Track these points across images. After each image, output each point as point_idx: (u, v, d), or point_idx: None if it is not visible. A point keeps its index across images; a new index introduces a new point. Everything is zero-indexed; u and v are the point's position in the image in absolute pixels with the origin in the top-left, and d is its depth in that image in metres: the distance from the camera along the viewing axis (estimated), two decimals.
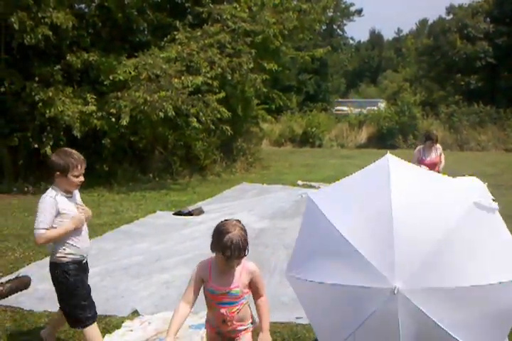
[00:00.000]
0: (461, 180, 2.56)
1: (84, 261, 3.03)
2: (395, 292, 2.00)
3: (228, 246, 2.22)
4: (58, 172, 2.84)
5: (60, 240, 2.87)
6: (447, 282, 2.06)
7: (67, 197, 2.91)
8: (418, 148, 7.02)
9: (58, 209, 2.82)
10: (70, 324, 3.06)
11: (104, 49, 10.12)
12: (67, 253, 2.90)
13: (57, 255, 2.90)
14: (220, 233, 2.27)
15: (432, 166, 6.41)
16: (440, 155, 6.89)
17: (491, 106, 21.29)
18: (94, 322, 3.00)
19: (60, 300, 3.01)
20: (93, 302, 3.03)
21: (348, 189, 2.51)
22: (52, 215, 2.80)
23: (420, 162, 6.62)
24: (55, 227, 2.82)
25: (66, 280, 2.91)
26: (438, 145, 6.91)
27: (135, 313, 3.89)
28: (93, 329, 3.01)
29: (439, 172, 6.04)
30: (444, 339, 2.01)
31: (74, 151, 2.92)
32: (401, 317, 2.01)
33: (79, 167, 2.86)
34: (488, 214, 2.28)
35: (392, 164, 2.38)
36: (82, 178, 2.91)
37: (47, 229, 2.79)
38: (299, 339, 3.47)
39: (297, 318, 3.65)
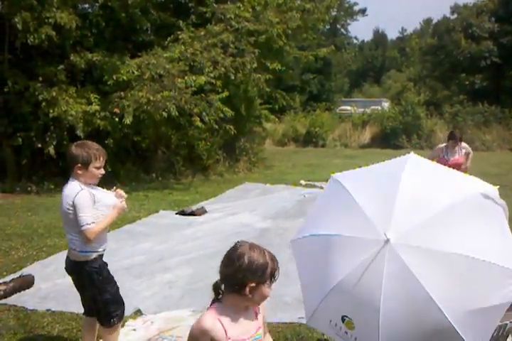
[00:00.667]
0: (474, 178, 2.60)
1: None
2: (386, 242, 2.06)
3: (277, 268, 1.86)
4: (79, 165, 2.76)
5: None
6: (441, 245, 2.09)
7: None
8: (440, 146, 6.63)
9: (94, 199, 2.75)
10: (101, 323, 2.94)
11: (107, 49, 10.13)
12: (93, 247, 2.82)
13: (85, 252, 2.81)
14: (258, 263, 1.81)
15: (456, 167, 5.79)
16: (467, 154, 6.52)
17: (496, 106, 21.20)
18: (120, 321, 2.96)
19: (92, 299, 2.91)
20: (122, 301, 2.99)
21: (368, 170, 2.67)
22: (91, 208, 2.73)
23: (443, 163, 5.95)
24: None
25: (99, 276, 2.85)
26: (463, 145, 6.51)
27: (138, 313, 3.90)
28: (116, 332, 2.98)
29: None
30: (424, 299, 2.03)
31: (94, 143, 2.87)
32: (387, 269, 2.05)
33: (101, 158, 2.82)
34: (494, 205, 2.34)
35: (412, 155, 2.57)
36: (102, 171, 2.86)
37: (93, 222, 2.72)
38: (301, 339, 3.48)
39: (300, 318, 3.64)
